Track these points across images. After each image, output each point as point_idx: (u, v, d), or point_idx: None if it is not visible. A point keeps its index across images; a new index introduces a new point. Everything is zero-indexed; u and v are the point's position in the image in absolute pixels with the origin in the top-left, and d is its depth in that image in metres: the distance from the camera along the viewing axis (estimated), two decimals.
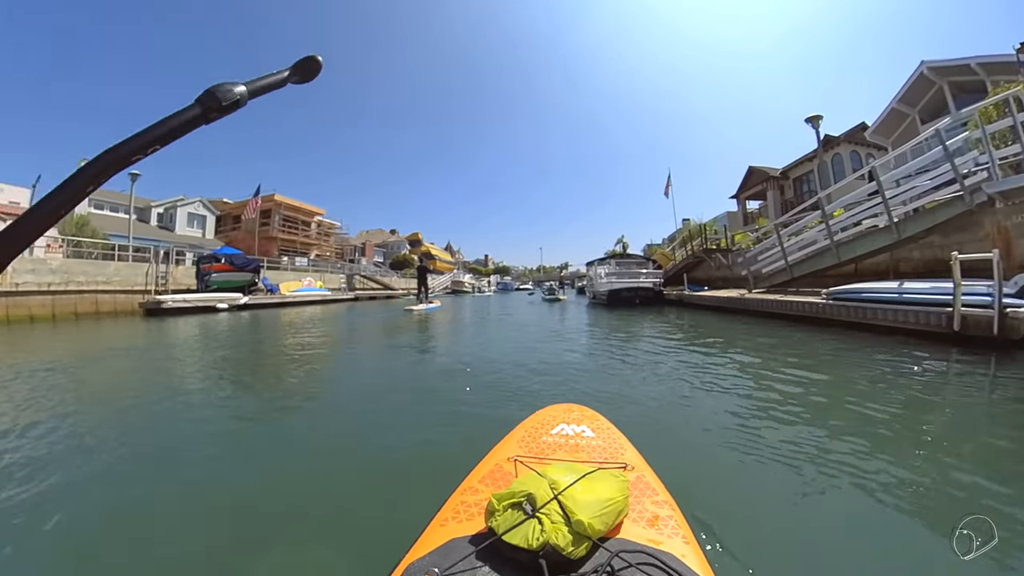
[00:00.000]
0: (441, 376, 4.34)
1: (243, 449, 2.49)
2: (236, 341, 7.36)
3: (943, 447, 2.20)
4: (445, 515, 1.06)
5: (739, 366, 4.22)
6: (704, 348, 5.29)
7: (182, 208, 32.42)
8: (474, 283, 45.58)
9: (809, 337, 5.60)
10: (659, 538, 0.94)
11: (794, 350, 4.82)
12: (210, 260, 18.09)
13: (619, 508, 0.96)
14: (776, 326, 6.78)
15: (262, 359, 5.59)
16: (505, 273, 78.52)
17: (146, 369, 5.01)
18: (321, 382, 4.35)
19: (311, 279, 22.00)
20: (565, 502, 0.90)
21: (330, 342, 7.04)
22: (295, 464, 2.23)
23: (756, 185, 23.15)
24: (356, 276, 28.21)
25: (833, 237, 7.64)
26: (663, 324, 8.28)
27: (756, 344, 5.41)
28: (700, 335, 6.34)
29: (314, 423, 2.98)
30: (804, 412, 2.83)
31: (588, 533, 0.86)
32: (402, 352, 6.14)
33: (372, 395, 3.70)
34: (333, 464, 2.23)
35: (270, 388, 4.08)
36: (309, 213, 34.72)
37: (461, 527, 1.00)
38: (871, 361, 4.14)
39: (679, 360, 4.62)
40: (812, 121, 11.58)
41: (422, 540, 0.97)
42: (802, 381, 3.54)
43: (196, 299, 15.77)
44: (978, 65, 15.39)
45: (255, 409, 3.34)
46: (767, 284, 9.53)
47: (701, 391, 3.41)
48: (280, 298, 18.17)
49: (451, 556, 0.85)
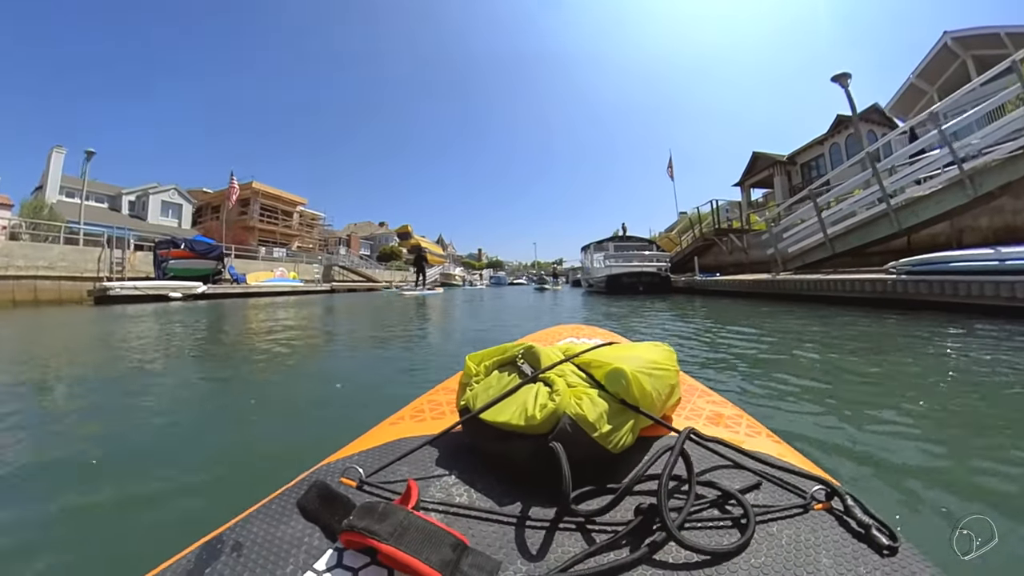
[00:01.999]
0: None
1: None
2: (147, 332, 5.83)
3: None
4: (401, 415, 0.77)
5: (803, 366, 2.81)
6: (741, 337, 3.88)
7: (155, 196, 30.76)
8: (465, 277, 44.10)
9: (876, 323, 4.21)
10: (734, 437, 0.61)
11: (866, 341, 3.43)
12: (168, 246, 16.47)
13: (670, 381, 0.63)
14: (819, 311, 5.41)
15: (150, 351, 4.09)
16: (498, 267, 76.69)
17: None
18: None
19: (283, 269, 20.34)
20: (586, 362, 0.59)
21: (286, 329, 5.55)
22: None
23: (762, 171, 21.82)
24: (335, 267, 26.41)
25: (890, 200, 6.22)
26: (676, 310, 6.87)
27: (809, 333, 4.00)
28: (724, 321, 4.96)
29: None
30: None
31: (634, 396, 0.53)
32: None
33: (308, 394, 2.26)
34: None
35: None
36: (290, 202, 32.92)
37: (421, 426, 0.70)
38: (998, 349, 2.75)
39: (703, 343, 3.21)
40: (840, 80, 10.05)
41: (358, 441, 0.66)
42: (913, 384, 2.17)
43: (147, 287, 14.18)
44: (1007, 35, 14.12)
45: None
46: (797, 264, 8.07)
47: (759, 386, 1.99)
48: (243, 288, 16.53)
49: (392, 454, 0.55)
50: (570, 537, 0.41)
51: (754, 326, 4.34)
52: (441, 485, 0.49)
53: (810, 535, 0.41)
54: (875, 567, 0.37)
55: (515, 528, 0.42)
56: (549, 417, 0.47)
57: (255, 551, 0.40)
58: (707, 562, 0.37)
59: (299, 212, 34.49)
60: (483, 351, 0.67)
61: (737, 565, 0.37)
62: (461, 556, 0.35)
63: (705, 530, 0.42)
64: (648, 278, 13.12)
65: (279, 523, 0.44)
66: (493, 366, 0.63)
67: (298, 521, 0.44)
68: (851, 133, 18.24)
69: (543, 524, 0.42)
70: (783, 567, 0.37)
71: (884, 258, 7.98)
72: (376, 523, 0.36)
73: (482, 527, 0.43)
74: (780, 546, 0.39)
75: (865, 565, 0.37)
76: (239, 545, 0.41)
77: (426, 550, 0.34)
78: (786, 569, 0.37)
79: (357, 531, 0.36)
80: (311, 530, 0.42)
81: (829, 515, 0.44)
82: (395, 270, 36.56)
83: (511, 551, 0.39)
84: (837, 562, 0.37)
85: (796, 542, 0.40)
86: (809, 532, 0.41)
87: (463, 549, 0.36)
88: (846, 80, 10.18)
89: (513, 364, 0.61)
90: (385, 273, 33.74)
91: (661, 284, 13.05)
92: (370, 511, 0.37)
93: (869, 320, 4.37)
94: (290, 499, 0.47)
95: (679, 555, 0.38)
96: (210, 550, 0.41)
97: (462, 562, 0.35)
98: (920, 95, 16.98)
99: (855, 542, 0.40)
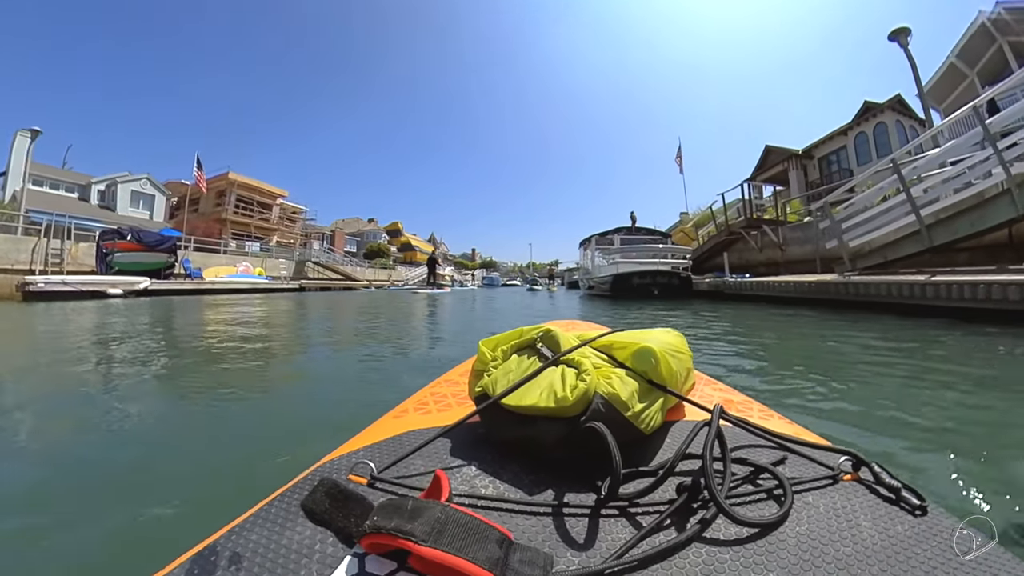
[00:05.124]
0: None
1: None
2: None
3: None
4: (404, 407, 0.72)
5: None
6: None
7: (124, 185, 28.71)
8: (455, 277, 42.17)
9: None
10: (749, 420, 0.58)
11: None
12: (112, 237, 14.51)
13: (687, 365, 0.63)
14: (940, 328, 3.65)
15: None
16: (492, 267, 74.45)
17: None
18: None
19: (247, 265, 18.31)
20: (606, 345, 0.57)
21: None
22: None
23: (775, 166, 20.17)
24: (309, 263, 24.26)
25: (1010, 169, 4.36)
26: (710, 323, 5.05)
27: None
28: (805, 351, 3.15)
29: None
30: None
31: (661, 375, 0.52)
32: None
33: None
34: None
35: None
36: (269, 195, 30.80)
37: (428, 419, 0.64)
38: None
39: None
40: (897, 37, 8.26)
41: (360, 437, 0.60)
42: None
43: (78, 282, 12.25)
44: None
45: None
46: (876, 261, 6.16)
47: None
48: (195, 284, 14.54)
49: (401, 448, 0.51)
50: (614, 523, 0.39)
51: (899, 366, 2.55)
52: (463, 478, 0.45)
53: (845, 502, 0.42)
54: (911, 526, 0.39)
55: (554, 517, 0.40)
56: (582, 397, 0.45)
57: (257, 562, 0.35)
58: (755, 535, 0.37)
59: (280, 205, 32.42)
60: (497, 336, 0.62)
61: (784, 535, 0.38)
62: (509, 552, 0.32)
63: (744, 505, 0.42)
64: (664, 279, 10.50)
65: (283, 529, 0.38)
66: (511, 350, 0.60)
67: (304, 526, 0.39)
68: (880, 122, 16.59)
69: (584, 511, 0.40)
70: (827, 532, 0.38)
71: (974, 257, 6.11)
72: (408, 522, 0.31)
73: (518, 520, 0.39)
74: (819, 514, 0.40)
75: (901, 524, 0.39)
76: (237, 556, 0.36)
77: (471, 548, 0.30)
78: (830, 533, 0.38)
79: (386, 532, 0.31)
80: (322, 535, 0.37)
81: (859, 484, 0.45)
82: (379, 268, 34.47)
83: (556, 542, 0.37)
84: (875, 524, 0.39)
85: (834, 509, 0.41)
86: (844, 500, 0.43)
87: (509, 544, 0.32)
88: (905, 38, 8.44)
89: (532, 348, 0.59)
90: (368, 271, 31.65)
91: (680, 287, 10.49)
92: (397, 509, 0.33)
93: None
94: (292, 501, 0.42)
95: (728, 531, 0.38)
96: (202, 564, 0.35)
97: (511, 558, 0.31)
98: (959, 78, 15.31)
99: (888, 506, 0.42)
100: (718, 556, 0.35)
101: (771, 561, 0.35)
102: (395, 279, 33.36)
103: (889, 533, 0.38)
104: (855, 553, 0.35)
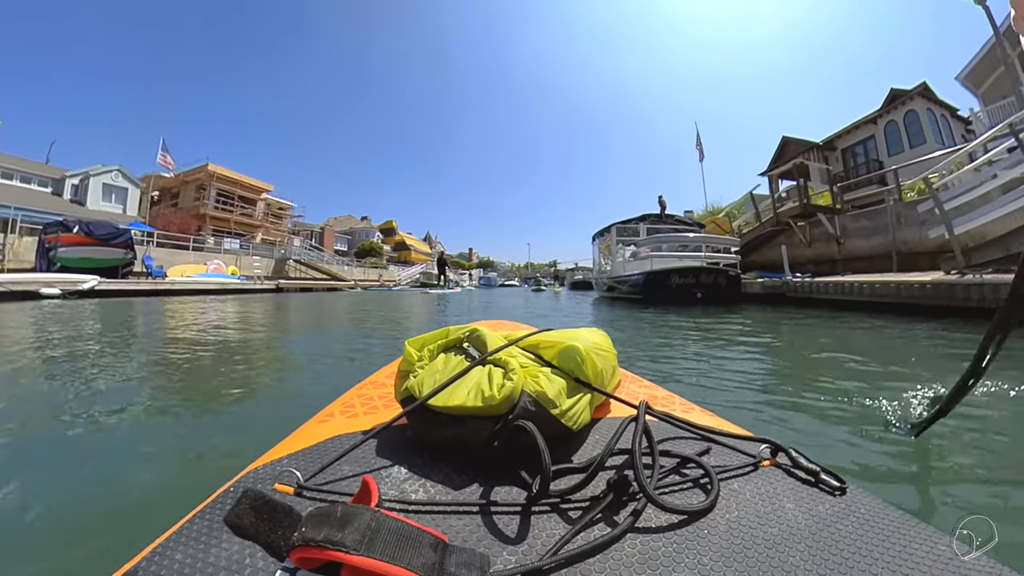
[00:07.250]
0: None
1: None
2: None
3: None
4: (330, 411, 0.69)
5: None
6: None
7: (96, 178, 27.10)
8: (451, 277, 40.60)
9: None
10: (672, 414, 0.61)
11: None
12: (56, 230, 12.78)
13: (612, 363, 0.63)
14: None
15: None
16: (490, 267, 72.66)
17: None
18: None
19: (219, 263, 16.67)
20: (533, 344, 0.59)
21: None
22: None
23: (793, 159, 18.70)
24: (289, 261, 22.54)
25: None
26: (799, 346, 3.51)
27: None
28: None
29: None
30: None
31: (587, 374, 0.53)
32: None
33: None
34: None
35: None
36: (253, 188, 29.03)
37: (354, 422, 0.62)
38: None
39: None
40: None
41: (284, 444, 0.57)
42: None
43: (7, 280, 10.56)
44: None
45: None
46: (995, 255, 4.57)
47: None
48: (153, 285, 12.88)
49: (328, 454, 0.49)
50: (548, 519, 0.39)
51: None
52: (392, 481, 0.45)
53: (768, 487, 0.43)
54: (831, 505, 0.41)
55: (487, 517, 0.39)
56: (509, 396, 0.45)
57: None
58: (686, 522, 0.38)
59: (265, 200, 30.72)
60: (423, 336, 0.61)
61: (715, 520, 0.39)
62: (445, 555, 0.31)
63: (673, 494, 0.43)
64: (709, 278, 8.08)
65: (208, 546, 0.36)
66: (438, 350, 0.59)
67: (231, 541, 0.36)
68: (910, 110, 15.16)
69: (516, 509, 0.40)
70: (754, 515, 0.39)
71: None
72: (338, 531, 0.30)
73: (451, 521, 0.39)
74: (746, 499, 0.42)
75: (823, 504, 0.41)
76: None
77: (405, 554, 0.29)
78: (758, 516, 0.39)
79: (315, 544, 0.29)
80: (251, 549, 0.35)
81: (778, 469, 0.47)
82: (369, 267, 32.75)
83: (491, 542, 0.37)
84: (799, 506, 0.41)
85: (758, 494, 0.42)
86: (767, 484, 0.44)
87: (444, 547, 0.32)
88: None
89: (459, 348, 0.59)
90: (356, 271, 29.95)
91: (727, 288, 8.14)
92: (326, 518, 0.31)
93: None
94: (215, 516, 0.40)
95: (659, 519, 0.39)
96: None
97: (447, 561, 0.31)
98: (996, 63, 13.92)
99: (808, 488, 0.43)
100: (652, 545, 0.36)
101: (703, 546, 0.35)
102: (386, 279, 31.67)
103: (812, 513, 0.39)
104: (782, 533, 0.37)
